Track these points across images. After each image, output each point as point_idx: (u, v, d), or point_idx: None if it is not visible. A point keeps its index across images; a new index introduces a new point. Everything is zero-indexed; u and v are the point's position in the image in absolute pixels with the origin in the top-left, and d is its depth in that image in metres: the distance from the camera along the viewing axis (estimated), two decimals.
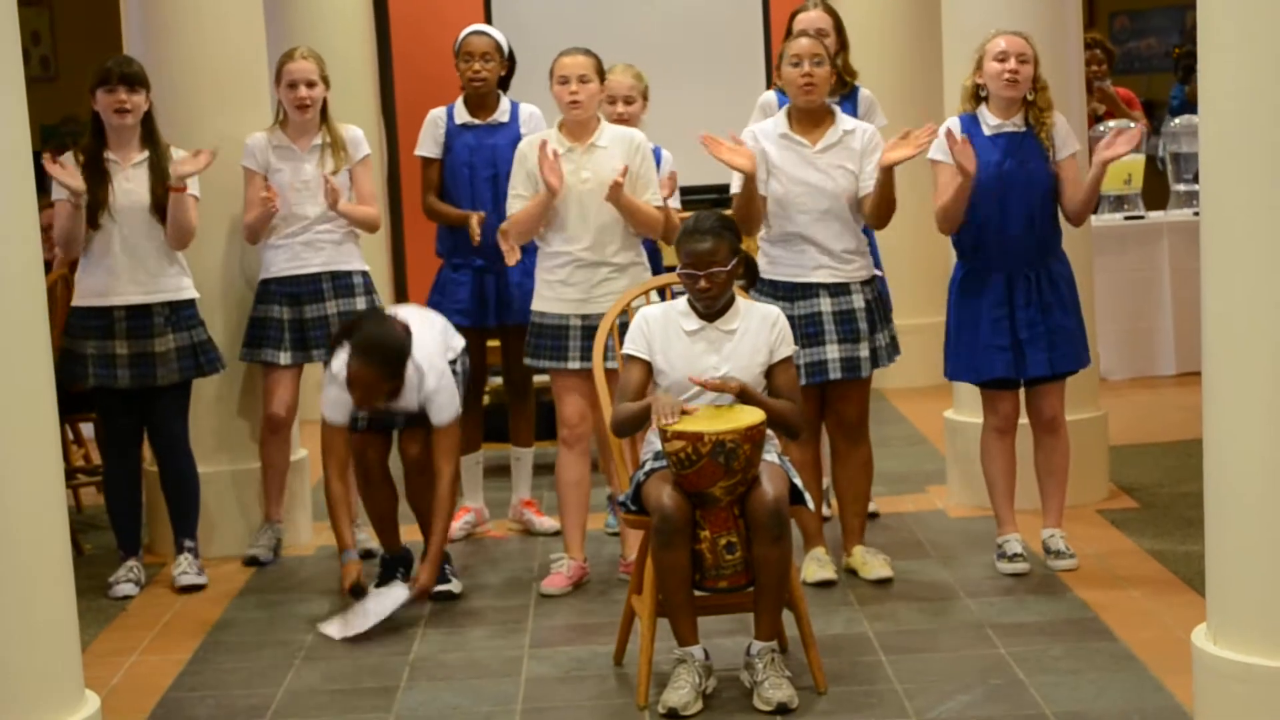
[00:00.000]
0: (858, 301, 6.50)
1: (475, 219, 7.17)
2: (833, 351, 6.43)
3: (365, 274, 7.20)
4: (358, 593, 6.19)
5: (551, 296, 6.66)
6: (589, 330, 6.51)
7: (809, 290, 6.48)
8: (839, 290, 6.49)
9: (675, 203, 6.83)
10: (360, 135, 7.32)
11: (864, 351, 6.49)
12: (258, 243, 7.20)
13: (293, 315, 7.19)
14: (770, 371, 5.62)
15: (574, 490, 6.70)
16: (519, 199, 6.64)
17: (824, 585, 6.50)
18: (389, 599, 6.32)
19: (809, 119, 6.52)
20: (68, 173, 6.67)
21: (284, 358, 7.19)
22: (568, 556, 6.72)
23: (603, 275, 6.57)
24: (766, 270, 6.52)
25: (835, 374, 6.43)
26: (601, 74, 6.74)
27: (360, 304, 7.15)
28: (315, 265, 7.19)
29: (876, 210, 6.45)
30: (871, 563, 6.60)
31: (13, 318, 4.49)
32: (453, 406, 6.47)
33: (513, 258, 6.69)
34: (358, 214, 7.15)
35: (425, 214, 7.61)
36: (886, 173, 6.36)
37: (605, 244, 6.61)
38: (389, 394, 6.32)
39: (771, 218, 6.53)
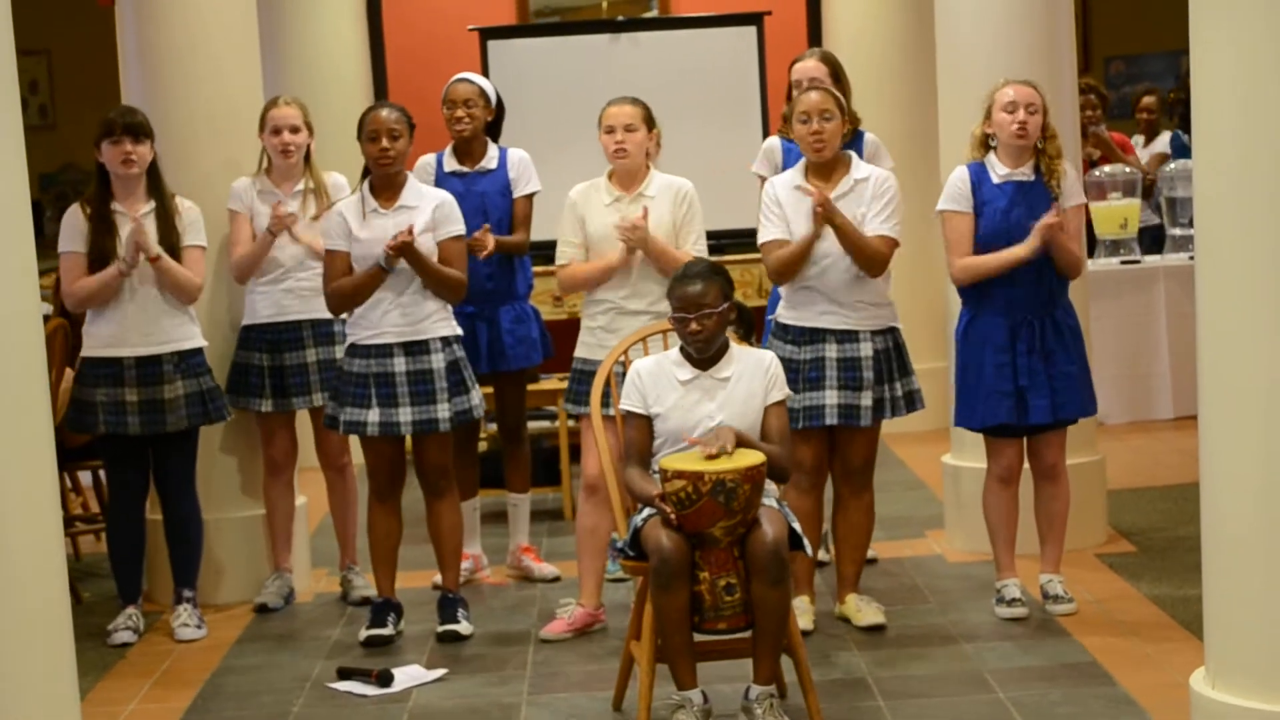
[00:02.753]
0: (865, 350, 6.49)
1: (479, 233, 7.15)
2: (832, 397, 6.43)
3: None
4: (385, 680, 6.17)
5: (594, 343, 6.67)
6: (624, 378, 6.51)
7: (817, 335, 6.49)
8: (846, 337, 6.48)
9: (702, 248, 6.80)
10: (343, 181, 7.34)
11: (865, 400, 6.47)
12: (246, 281, 7.21)
13: (273, 363, 7.20)
14: (763, 414, 5.62)
15: (589, 537, 6.71)
16: (570, 247, 6.68)
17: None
18: (410, 677, 6.28)
19: (823, 169, 6.52)
20: (144, 236, 6.72)
21: (265, 405, 7.21)
22: (576, 603, 6.72)
23: (641, 323, 6.54)
24: (782, 314, 6.55)
25: (832, 419, 6.43)
26: (649, 122, 6.75)
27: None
28: (296, 313, 7.20)
29: (855, 261, 6.44)
30: (865, 610, 6.59)
31: (11, 366, 4.50)
32: (461, 220, 6.75)
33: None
34: (318, 247, 7.12)
35: None
36: (834, 224, 6.37)
37: (645, 292, 6.63)
38: (401, 146, 6.67)
39: None
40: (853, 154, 6.64)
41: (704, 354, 5.62)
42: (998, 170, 6.57)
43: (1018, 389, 6.53)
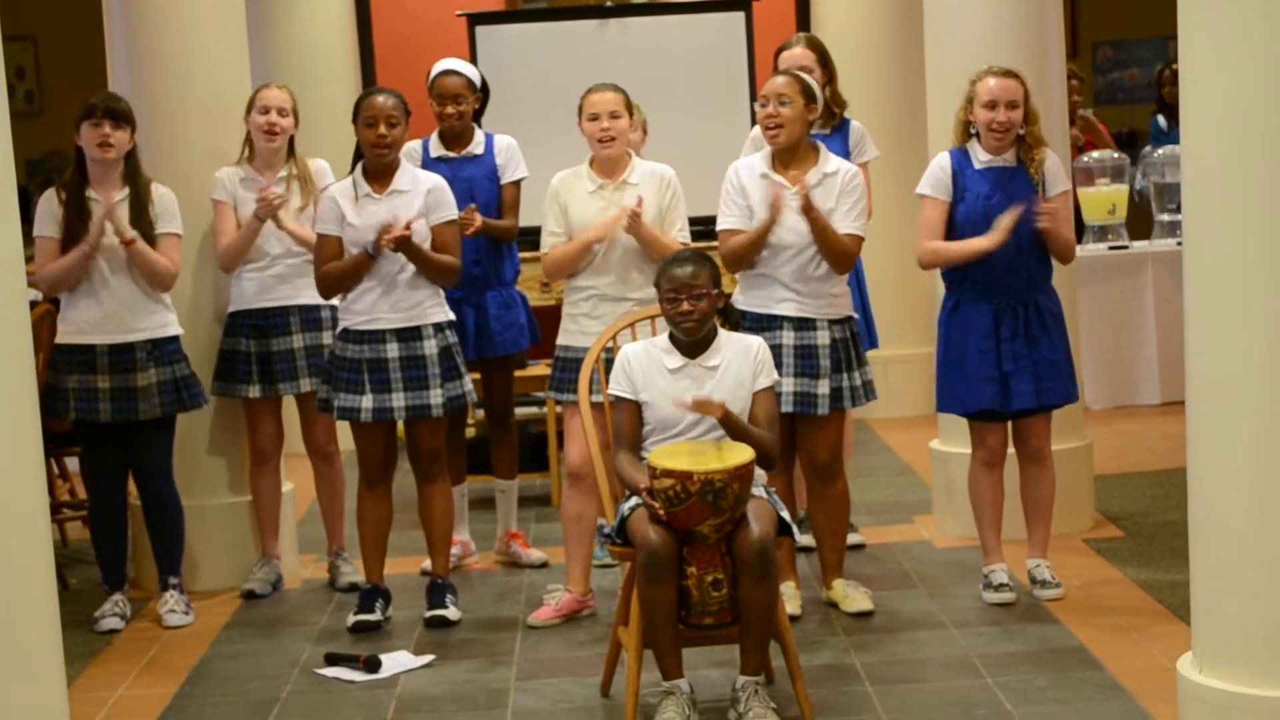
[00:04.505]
0: (822, 338, 6.47)
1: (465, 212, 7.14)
2: (788, 385, 6.40)
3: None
4: (373, 665, 6.17)
5: (576, 330, 6.65)
6: (611, 364, 6.47)
7: (774, 322, 6.46)
8: (803, 325, 6.46)
9: (685, 235, 6.78)
10: (327, 168, 7.33)
11: (822, 389, 6.44)
12: (233, 270, 7.20)
13: (260, 349, 7.19)
14: (751, 399, 5.62)
15: (575, 525, 6.70)
16: (553, 236, 6.66)
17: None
18: (398, 663, 6.28)
19: (792, 158, 6.50)
20: (117, 217, 6.71)
21: (252, 391, 7.20)
22: (564, 589, 6.72)
23: (625, 309, 6.52)
24: (739, 300, 6.52)
25: (788, 407, 6.39)
26: (629, 108, 6.74)
27: (327, 339, 7.14)
28: (283, 299, 7.20)
29: (824, 256, 6.42)
30: (852, 595, 6.60)
31: None
32: (454, 205, 6.75)
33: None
34: (301, 234, 7.12)
35: None
36: (810, 218, 6.36)
37: (629, 279, 6.60)
38: (398, 134, 6.64)
39: None
40: (823, 145, 6.62)
41: (694, 337, 5.61)
42: (979, 157, 6.56)
43: (1001, 374, 6.53)
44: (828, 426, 6.52)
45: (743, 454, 5.33)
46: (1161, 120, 11.66)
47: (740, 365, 5.63)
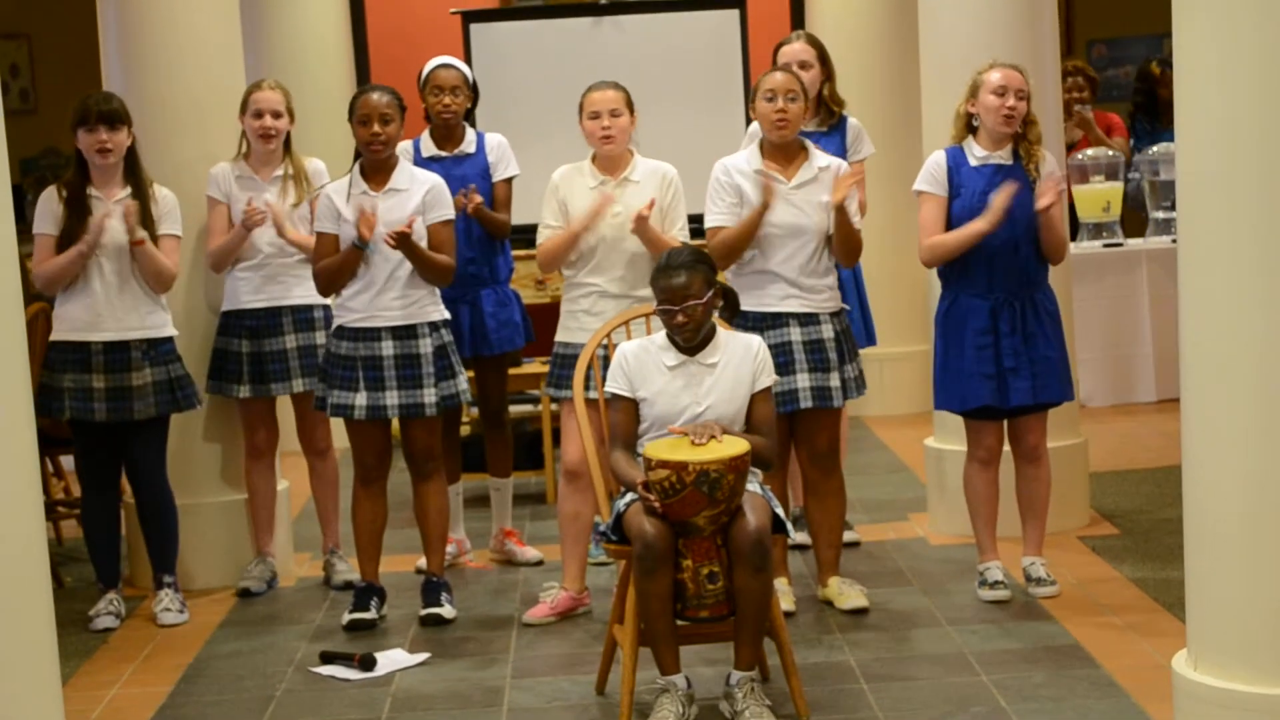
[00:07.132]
0: (827, 331, 6.49)
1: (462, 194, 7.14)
2: (803, 380, 6.42)
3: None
4: (368, 664, 6.16)
5: (576, 327, 6.64)
6: (607, 362, 6.45)
7: (778, 320, 6.47)
8: (808, 320, 6.48)
9: (685, 234, 6.77)
10: (323, 168, 7.32)
11: (835, 381, 6.46)
12: (222, 271, 7.20)
13: (252, 348, 7.18)
14: (749, 401, 5.61)
15: (571, 523, 6.69)
16: (549, 229, 6.65)
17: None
18: (393, 661, 6.27)
19: (782, 154, 6.52)
20: (134, 222, 6.72)
21: (243, 391, 7.19)
22: (560, 587, 6.72)
23: (626, 306, 6.51)
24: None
25: (806, 402, 6.41)
26: (631, 106, 6.72)
27: (320, 339, 7.14)
28: (276, 299, 7.19)
29: (841, 249, 6.46)
30: (848, 593, 6.60)
31: None
32: (451, 204, 6.74)
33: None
34: (305, 244, 7.10)
35: None
36: (839, 212, 6.38)
37: (631, 277, 6.59)
38: (393, 130, 6.63)
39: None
40: (809, 141, 6.63)
41: (690, 343, 5.61)
42: (975, 153, 6.56)
43: (1000, 370, 6.53)
44: (831, 417, 6.54)
45: (738, 445, 5.33)
46: (1144, 122, 11.53)
47: (740, 364, 5.62)
